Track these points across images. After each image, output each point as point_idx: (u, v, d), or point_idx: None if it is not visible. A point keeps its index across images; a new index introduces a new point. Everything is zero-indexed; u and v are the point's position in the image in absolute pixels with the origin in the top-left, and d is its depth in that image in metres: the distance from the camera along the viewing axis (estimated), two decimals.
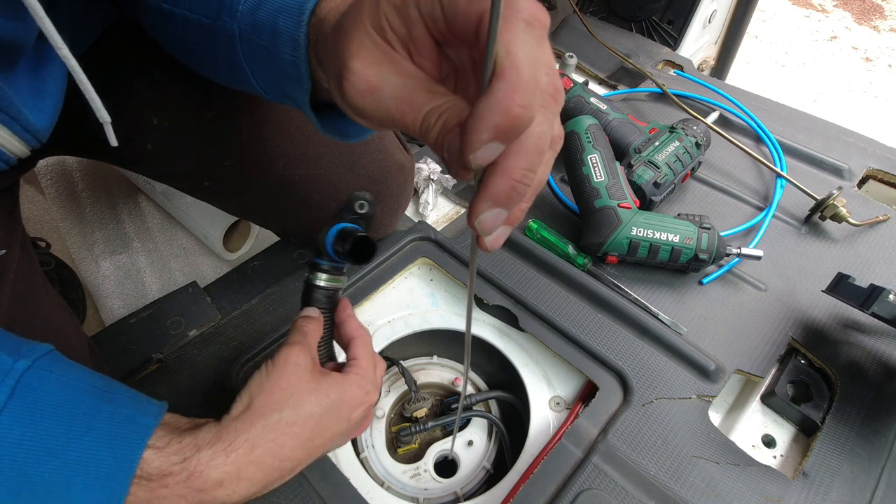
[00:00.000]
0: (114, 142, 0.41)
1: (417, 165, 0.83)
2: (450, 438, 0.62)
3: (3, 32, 0.36)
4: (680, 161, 0.78)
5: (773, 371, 0.65)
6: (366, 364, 0.43)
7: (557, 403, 0.63)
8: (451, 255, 0.73)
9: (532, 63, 0.21)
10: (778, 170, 0.84)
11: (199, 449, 0.34)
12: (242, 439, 0.35)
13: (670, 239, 0.69)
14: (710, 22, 1.21)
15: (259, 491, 0.36)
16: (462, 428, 0.64)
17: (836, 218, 0.77)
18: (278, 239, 0.76)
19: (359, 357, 0.44)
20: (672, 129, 0.81)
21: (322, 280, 0.44)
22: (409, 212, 0.82)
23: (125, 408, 0.33)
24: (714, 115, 0.94)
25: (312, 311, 0.45)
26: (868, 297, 0.59)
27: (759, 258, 0.70)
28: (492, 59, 0.20)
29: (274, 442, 0.36)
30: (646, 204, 0.76)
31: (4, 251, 0.46)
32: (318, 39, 0.33)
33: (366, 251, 0.41)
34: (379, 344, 0.67)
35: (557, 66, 1.11)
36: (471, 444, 0.63)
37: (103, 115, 0.40)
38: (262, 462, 0.35)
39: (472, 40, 0.24)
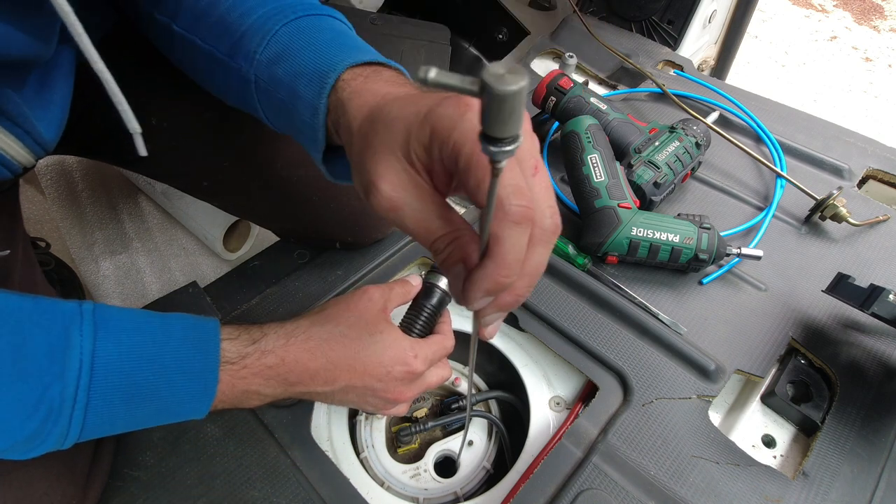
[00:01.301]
0: (143, 151, 0.44)
1: None
2: (450, 439, 0.62)
3: (31, 52, 0.38)
4: (680, 161, 0.78)
5: (773, 371, 0.65)
6: (429, 342, 0.48)
7: (557, 403, 0.63)
8: None
9: (515, 249, 0.27)
10: (778, 170, 0.84)
11: (265, 334, 0.41)
12: (301, 331, 0.42)
13: (670, 239, 0.69)
14: (710, 22, 1.21)
15: (308, 380, 0.42)
16: (461, 428, 0.64)
17: (836, 218, 0.77)
18: (278, 239, 0.76)
19: (429, 339, 0.49)
20: (672, 129, 0.81)
21: (443, 283, 0.51)
22: None
23: (188, 319, 0.39)
24: (714, 115, 0.94)
25: (412, 279, 0.52)
26: (868, 297, 0.59)
27: (759, 258, 0.70)
28: (486, 238, 0.27)
29: (326, 343, 0.43)
30: (646, 204, 0.76)
31: (8, 251, 0.46)
32: (339, 117, 0.36)
33: None
34: None
35: (557, 65, 1.11)
36: (471, 444, 0.63)
37: (133, 125, 0.42)
38: (314, 353, 0.42)
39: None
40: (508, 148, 0.21)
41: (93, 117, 0.56)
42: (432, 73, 0.20)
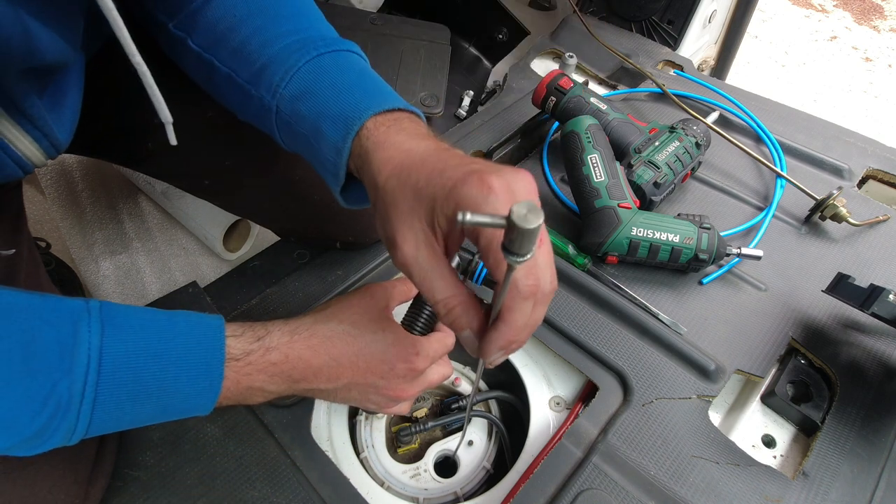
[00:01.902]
0: (173, 140, 0.44)
1: None
2: (450, 439, 0.62)
3: (63, 56, 0.39)
4: (680, 161, 0.78)
5: (773, 371, 0.65)
6: (430, 340, 0.48)
7: (557, 403, 0.63)
8: None
9: (524, 316, 0.33)
10: (778, 170, 0.84)
11: (269, 331, 0.42)
12: (305, 328, 0.43)
13: (670, 239, 0.69)
14: (710, 22, 1.21)
15: (311, 377, 0.42)
16: (462, 428, 0.64)
17: (836, 218, 0.77)
18: (278, 239, 0.76)
19: (430, 336, 0.49)
20: (672, 129, 0.81)
21: None
22: None
23: (193, 316, 0.39)
24: (714, 115, 0.94)
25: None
26: (868, 297, 0.59)
27: (759, 258, 0.70)
28: (499, 306, 0.33)
29: (329, 340, 0.43)
30: (646, 204, 0.76)
31: (14, 251, 0.46)
32: (362, 164, 0.40)
33: None
34: None
35: (557, 65, 1.11)
36: (471, 444, 0.63)
37: (166, 115, 0.43)
38: (317, 351, 0.42)
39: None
40: (524, 258, 0.27)
41: (99, 117, 0.56)
42: (468, 217, 0.25)
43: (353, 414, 0.64)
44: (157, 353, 0.36)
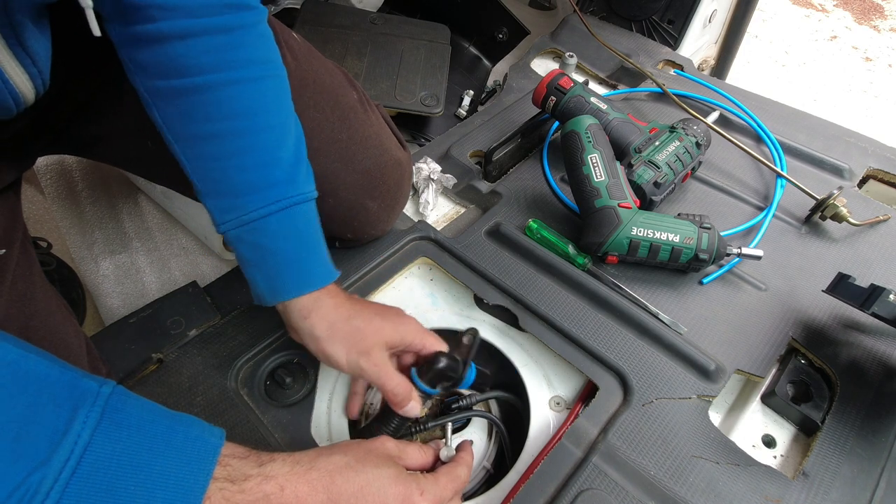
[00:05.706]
0: (96, 31, 0.42)
1: (418, 165, 0.83)
2: (450, 438, 0.62)
3: None
4: (680, 161, 0.78)
5: (774, 371, 0.65)
6: (439, 478, 0.46)
7: (557, 403, 0.63)
8: (451, 254, 0.73)
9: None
10: (778, 169, 0.84)
11: (273, 459, 0.39)
12: (307, 459, 0.41)
13: (670, 239, 0.69)
14: (710, 21, 1.21)
15: None
16: (462, 428, 0.64)
17: (837, 218, 0.77)
18: None
19: (439, 472, 0.47)
20: (672, 129, 0.81)
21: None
22: (410, 211, 0.82)
23: (195, 428, 0.37)
24: (714, 115, 0.94)
25: (429, 448, 0.51)
26: (868, 296, 0.59)
27: (759, 258, 0.70)
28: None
29: (329, 475, 0.40)
30: (646, 204, 0.76)
31: (4, 251, 0.46)
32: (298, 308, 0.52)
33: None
34: None
35: (557, 65, 1.11)
36: (470, 444, 0.62)
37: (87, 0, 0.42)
38: (315, 486, 0.39)
39: None
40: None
41: (99, 116, 0.56)
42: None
43: None
44: (140, 464, 0.33)
